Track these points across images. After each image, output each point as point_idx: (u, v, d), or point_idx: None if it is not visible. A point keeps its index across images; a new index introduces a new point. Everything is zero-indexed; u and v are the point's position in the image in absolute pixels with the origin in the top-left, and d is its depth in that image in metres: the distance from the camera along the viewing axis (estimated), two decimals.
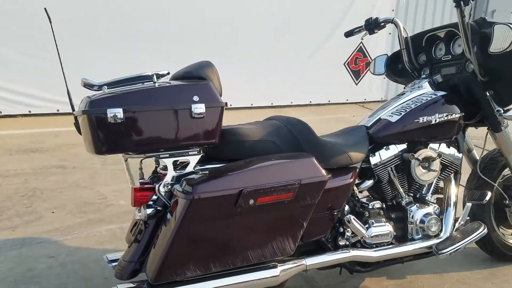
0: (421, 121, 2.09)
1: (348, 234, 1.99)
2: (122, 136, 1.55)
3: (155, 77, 1.64)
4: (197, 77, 1.74)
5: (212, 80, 1.74)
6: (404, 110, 2.13)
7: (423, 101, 2.15)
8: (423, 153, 2.10)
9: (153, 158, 1.72)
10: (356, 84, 7.12)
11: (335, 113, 6.48)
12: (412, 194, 2.19)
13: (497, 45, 1.99)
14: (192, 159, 1.73)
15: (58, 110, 5.59)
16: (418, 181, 2.12)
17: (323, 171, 1.75)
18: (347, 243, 2.01)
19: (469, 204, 2.23)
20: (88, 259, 2.44)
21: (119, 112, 1.52)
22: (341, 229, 1.99)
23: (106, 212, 3.05)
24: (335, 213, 1.94)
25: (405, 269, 2.39)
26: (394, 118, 2.11)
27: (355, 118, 6.00)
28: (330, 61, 6.75)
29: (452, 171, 2.23)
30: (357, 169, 2.04)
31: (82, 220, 2.93)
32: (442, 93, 2.19)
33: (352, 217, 1.94)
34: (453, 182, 2.25)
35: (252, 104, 6.41)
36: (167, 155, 1.69)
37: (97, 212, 3.05)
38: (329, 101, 7.06)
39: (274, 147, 1.85)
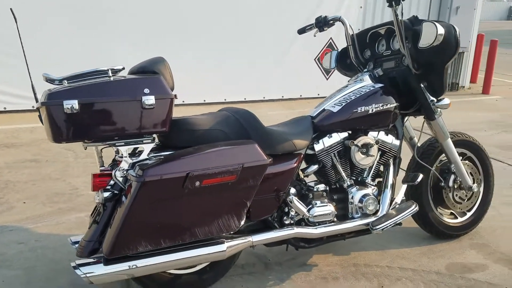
0: (359, 111, 2.30)
1: (292, 213, 2.20)
2: (78, 126, 1.73)
3: (110, 71, 1.82)
4: (150, 72, 1.92)
5: (164, 75, 1.92)
6: (345, 101, 2.34)
7: (362, 93, 2.36)
8: (362, 140, 2.32)
9: (112, 146, 1.89)
10: (327, 79, 7.34)
11: (306, 107, 6.68)
12: (353, 178, 2.41)
13: (424, 41, 2.21)
14: (146, 147, 1.91)
15: (33, 107, 5.66)
16: (358, 165, 2.34)
17: (265, 156, 1.95)
18: (292, 221, 2.21)
19: (404, 186, 2.47)
20: (57, 244, 2.60)
21: (74, 104, 1.69)
22: (286, 209, 2.20)
23: (76, 202, 3.20)
24: (281, 194, 2.14)
25: (350, 247, 2.62)
26: (335, 109, 2.32)
27: None
28: (301, 56, 6.97)
29: (391, 156, 2.45)
30: (302, 155, 2.24)
31: (53, 209, 3.08)
32: (380, 85, 2.40)
33: (294, 198, 2.15)
34: (391, 166, 2.47)
35: (225, 99, 6.58)
36: (123, 143, 1.87)
37: (67, 202, 3.20)
38: (300, 95, 7.26)
39: (223, 136, 2.04)
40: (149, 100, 1.78)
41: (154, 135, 1.91)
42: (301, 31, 2.81)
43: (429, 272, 2.41)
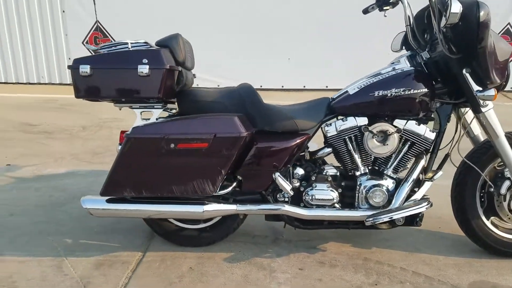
0: (376, 94, 2.14)
1: (292, 191, 2.21)
2: (91, 86, 2.12)
3: (129, 44, 2.15)
4: (163, 46, 2.18)
5: (174, 49, 2.16)
6: (365, 84, 2.19)
7: (386, 76, 2.17)
8: (378, 126, 2.15)
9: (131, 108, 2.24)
10: None
11: None
12: (371, 167, 2.25)
13: (443, 20, 1.91)
14: (155, 112, 2.21)
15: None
16: (371, 153, 2.19)
17: (241, 129, 2.04)
18: (285, 199, 2.23)
19: (428, 182, 2.18)
20: None
21: (87, 69, 2.08)
22: (292, 186, 2.22)
23: None
24: (275, 171, 2.18)
25: (377, 243, 2.46)
26: (354, 91, 2.21)
27: None
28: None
29: (422, 150, 2.19)
30: (307, 136, 2.22)
31: None
32: (409, 68, 2.17)
33: (278, 174, 2.16)
34: (421, 160, 2.21)
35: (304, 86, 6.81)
36: (138, 106, 2.20)
37: None
38: None
39: (223, 108, 2.20)
40: (144, 69, 2.05)
41: (164, 103, 2.20)
42: (365, 11, 2.66)
43: (444, 283, 2.11)
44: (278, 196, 2.24)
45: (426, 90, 2.11)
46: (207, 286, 2.09)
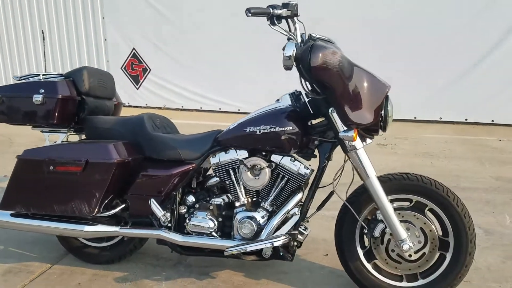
0: (248, 130, 2.18)
1: (165, 217, 2.30)
2: (2, 111, 2.40)
3: (41, 75, 2.43)
4: (67, 77, 2.44)
5: (77, 80, 2.41)
6: (245, 119, 2.25)
7: (262, 112, 2.21)
8: (251, 160, 2.20)
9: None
10: None
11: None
12: (250, 199, 2.28)
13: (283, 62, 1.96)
14: (61, 136, 2.46)
15: None
16: (246, 185, 2.22)
17: (114, 156, 2.19)
18: (170, 225, 2.32)
19: (295, 217, 2.17)
20: None
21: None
22: (164, 212, 2.32)
23: None
24: (156, 198, 2.30)
25: (271, 275, 2.46)
26: (233, 125, 2.27)
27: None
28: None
29: (296, 185, 2.19)
30: (193, 166, 2.31)
31: None
32: (282, 106, 2.19)
33: (152, 200, 2.27)
34: (297, 195, 2.20)
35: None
36: (47, 131, 2.46)
37: None
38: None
39: (119, 134, 2.39)
40: (38, 98, 2.30)
41: (69, 128, 2.44)
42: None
43: None
44: (163, 221, 2.33)
45: (291, 128, 2.11)
46: None
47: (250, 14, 1.94)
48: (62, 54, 8.15)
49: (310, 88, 2.08)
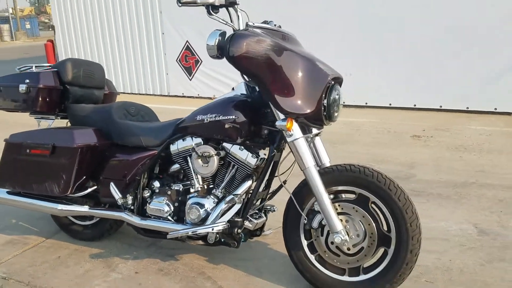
0: (198, 118, 2.26)
1: (126, 200, 2.45)
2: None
3: (33, 67, 2.70)
4: (53, 68, 2.68)
5: (61, 71, 2.64)
6: (200, 107, 2.32)
7: (214, 101, 2.27)
8: (202, 148, 2.26)
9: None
10: None
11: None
12: (202, 185, 2.34)
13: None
14: (49, 122, 2.72)
15: None
16: (197, 172, 2.29)
17: (77, 142, 2.38)
18: (133, 207, 2.47)
19: (238, 205, 2.20)
20: None
21: None
22: (121, 195, 2.47)
23: None
24: (122, 181, 2.46)
25: (232, 261, 2.52)
26: (188, 114, 2.35)
27: None
28: None
29: (245, 173, 2.22)
30: (153, 152, 2.43)
31: None
32: (232, 95, 2.23)
33: (112, 183, 2.44)
34: (246, 183, 2.23)
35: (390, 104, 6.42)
36: (40, 117, 2.74)
37: None
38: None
39: (92, 122, 2.60)
40: (23, 87, 2.57)
41: (56, 115, 2.70)
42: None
43: None
44: (123, 204, 2.48)
45: (235, 117, 2.13)
46: (53, 273, 2.47)
47: (180, 4, 1.99)
48: (126, 48, 8.71)
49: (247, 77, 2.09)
